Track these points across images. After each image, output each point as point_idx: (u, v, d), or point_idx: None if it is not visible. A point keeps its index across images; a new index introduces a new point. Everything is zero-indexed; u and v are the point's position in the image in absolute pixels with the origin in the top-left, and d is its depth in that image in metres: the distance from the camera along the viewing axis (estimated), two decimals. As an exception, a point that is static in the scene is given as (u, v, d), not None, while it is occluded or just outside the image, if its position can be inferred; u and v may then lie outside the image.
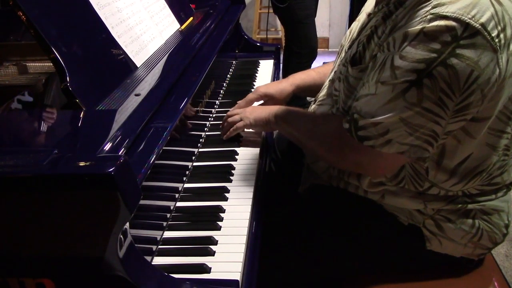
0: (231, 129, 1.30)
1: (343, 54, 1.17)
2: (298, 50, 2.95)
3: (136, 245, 0.79)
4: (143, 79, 1.08)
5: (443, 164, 1.00)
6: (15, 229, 0.75)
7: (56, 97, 1.09)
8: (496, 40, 0.84)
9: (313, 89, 1.41)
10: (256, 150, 1.29)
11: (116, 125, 0.86)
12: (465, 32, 0.83)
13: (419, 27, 0.87)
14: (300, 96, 2.75)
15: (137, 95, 0.99)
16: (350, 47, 1.13)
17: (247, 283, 0.88)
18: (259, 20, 4.43)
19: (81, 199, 0.71)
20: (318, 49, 3.07)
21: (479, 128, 0.95)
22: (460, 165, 1.00)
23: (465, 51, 0.83)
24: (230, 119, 1.31)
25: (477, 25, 0.83)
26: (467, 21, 0.83)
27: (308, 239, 1.17)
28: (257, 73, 1.87)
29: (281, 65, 2.13)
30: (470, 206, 1.06)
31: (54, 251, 0.75)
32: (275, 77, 1.90)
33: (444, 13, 0.84)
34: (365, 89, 0.97)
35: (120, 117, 0.89)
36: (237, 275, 0.86)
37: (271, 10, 3.01)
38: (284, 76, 3.00)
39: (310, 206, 1.23)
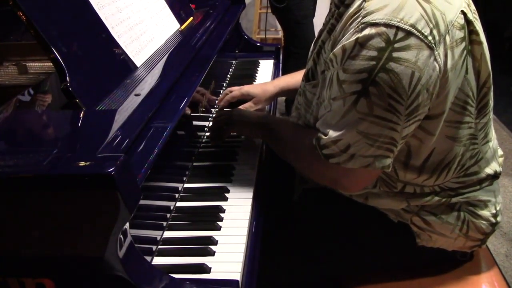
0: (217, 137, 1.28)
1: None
2: (296, 50, 2.94)
3: (136, 245, 0.79)
4: (143, 79, 1.08)
5: (410, 164, 1.01)
6: (15, 229, 0.75)
7: (56, 97, 1.09)
8: (430, 38, 0.85)
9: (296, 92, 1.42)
10: (256, 150, 1.29)
11: (116, 125, 0.86)
12: (397, 35, 0.84)
13: (353, 38, 0.88)
14: (288, 98, 2.73)
15: (137, 95, 0.99)
16: (307, 61, 1.15)
17: (247, 283, 0.88)
18: (259, 20, 4.43)
19: (81, 199, 0.71)
20: (318, 49, 3.07)
21: (436, 124, 0.96)
22: (426, 161, 1.01)
23: (401, 53, 0.84)
24: (215, 121, 1.30)
25: (407, 26, 0.84)
26: (396, 25, 0.84)
27: (305, 241, 1.17)
28: (257, 73, 1.87)
29: (280, 65, 2.13)
30: (454, 199, 1.07)
31: (54, 251, 0.76)
32: (275, 77, 1.89)
33: (374, 21, 0.86)
34: (322, 109, 0.98)
35: (120, 117, 0.89)
36: (237, 275, 0.86)
37: (270, 10, 3.01)
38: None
39: (303, 210, 1.23)
